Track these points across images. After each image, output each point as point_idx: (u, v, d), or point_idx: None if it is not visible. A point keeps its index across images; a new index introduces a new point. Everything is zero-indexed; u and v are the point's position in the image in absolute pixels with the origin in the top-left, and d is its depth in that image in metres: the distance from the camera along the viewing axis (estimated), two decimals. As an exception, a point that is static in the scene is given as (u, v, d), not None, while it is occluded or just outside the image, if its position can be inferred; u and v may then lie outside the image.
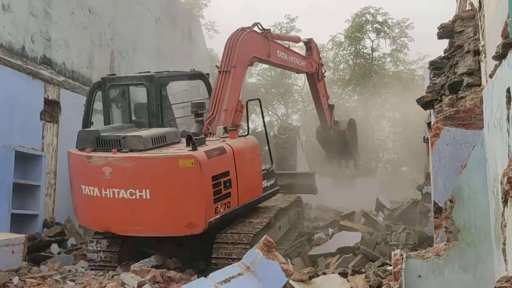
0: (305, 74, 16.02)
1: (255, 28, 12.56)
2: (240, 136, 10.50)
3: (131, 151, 9.05)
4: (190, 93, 12.10)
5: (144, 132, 9.49)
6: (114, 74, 11.48)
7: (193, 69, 12.06)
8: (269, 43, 12.93)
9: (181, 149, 9.23)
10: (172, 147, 9.52)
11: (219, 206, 9.15)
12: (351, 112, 31.93)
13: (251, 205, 10.47)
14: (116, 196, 8.87)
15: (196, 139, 9.14)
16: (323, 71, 16.02)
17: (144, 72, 11.18)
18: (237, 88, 11.57)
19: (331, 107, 17.09)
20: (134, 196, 8.80)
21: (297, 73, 16.62)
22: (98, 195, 9.02)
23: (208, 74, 11.96)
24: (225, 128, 10.58)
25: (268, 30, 12.89)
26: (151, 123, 10.39)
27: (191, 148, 8.97)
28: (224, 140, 9.94)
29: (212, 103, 10.94)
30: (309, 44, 15.70)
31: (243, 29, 12.14)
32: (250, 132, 11.33)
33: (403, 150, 31.26)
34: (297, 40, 15.80)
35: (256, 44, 12.52)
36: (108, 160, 8.95)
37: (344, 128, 17.44)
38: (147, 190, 8.75)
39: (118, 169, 8.88)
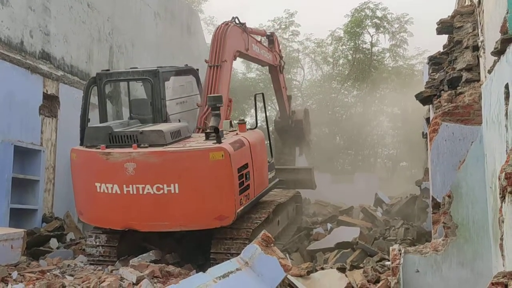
0: (267, 67, 16.63)
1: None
2: (248, 130, 10.53)
3: (150, 146, 8.98)
4: (186, 88, 12.10)
5: (164, 127, 9.42)
6: (108, 70, 11.42)
7: (186, 64, 12.08)
8: (248, 37, 13.27)
9: (205, 142, 9.20)
10: (190, 141, 9.50)
11: (242, 198, 9.20)
12: (350, 107, 32.00)
13: (261, 196, 10.57)
14: (141, 192, 8.74)
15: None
16: (283, 63, 16.63)
17: (134, 68, 11.10)
18: (228, 83, 11.77)
19: (289, 97, 18.10)
20: (161, 191, 8.70)
21: (262, 65, 17.26)
22: (119, 192, 8.82)
23: (197, 69, 11.99)
24: (230, 122, 10.64)
25: (244, 24, 13.17)
26: (155, 118, 10.32)
27: (215, 141, 8.97)
28: (237, 134, 9.97)
29: (207, 100, 10.95)
30: (271, 38, 16.28)
31: (226, 23, 12.40)
32: (248, 126, 11.35)
33: (402, 146, 31.28)
34: (263, 33, 16.28)
35: (238, 38, 12.85)
36: (132, 156, 8.79)
37: (301, 117, 18.41)
38: (176, 184, 8.67)
39: (143, 164, 8.74)
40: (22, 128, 12.01)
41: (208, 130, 9.57)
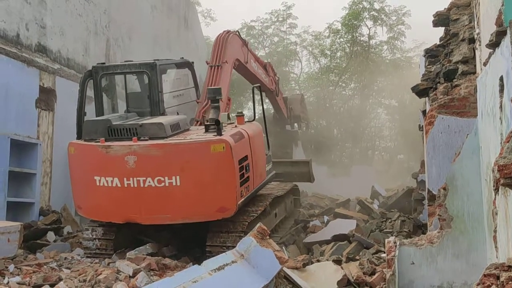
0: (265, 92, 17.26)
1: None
2: (246, 122, 10.55)
3: (150, 138, 8.97)
4: (182, 81, 12.12)
5: (163, 119, 9.43)
6: (103, 63, 11.38)
7: (182, 57, 12.09)
8: (248, 51, 13.98)
9: (205, 134, 9.22)
10: (189, 133, 9.53)
11: (243, 190, 9.23)
12: (348, 100, 31.98)
13: (260, 188, 10.63)
14: (142, 185, 8.75)
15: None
16: (277, 79, 17.51)
17: (129, 61, 11.08)
18: (227, 82, 12.00)
19: (285, 100, 19.30)
20: (162, 184, 8.71)
21: (262, 89, 17.47)
22: (119, 185, 8.82)
23: (193, 62, 12.05)
24: (228, 114, 10.67)
25: (245, 40, 14.19)
26: (153, 111, 10.29)
27: (215, 133, 8.98)
28: (236, 126, 9.97)
29: (206, 93, 11.06)
30: (266, 66, 16.80)
31: (228, 31, 13.02)
32: (246, 119, 11.38)
33: (399, 138, 31.28)
34: (262, 62, 16.62)
35: (239, 47, 13.45)
36: (133, 149, 8.79)
37: (298, 112, 19.74)
38: (177, 177, 8.68)
39: (144, 157, 8.74)
40: (18, 121, 11.98)
41: (207, 123, 9.57)
